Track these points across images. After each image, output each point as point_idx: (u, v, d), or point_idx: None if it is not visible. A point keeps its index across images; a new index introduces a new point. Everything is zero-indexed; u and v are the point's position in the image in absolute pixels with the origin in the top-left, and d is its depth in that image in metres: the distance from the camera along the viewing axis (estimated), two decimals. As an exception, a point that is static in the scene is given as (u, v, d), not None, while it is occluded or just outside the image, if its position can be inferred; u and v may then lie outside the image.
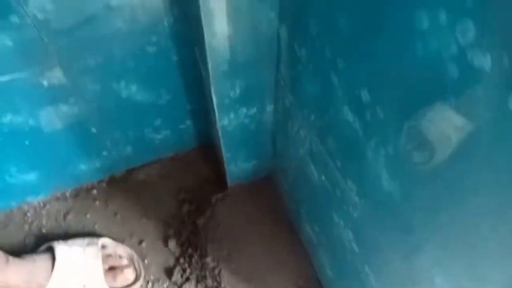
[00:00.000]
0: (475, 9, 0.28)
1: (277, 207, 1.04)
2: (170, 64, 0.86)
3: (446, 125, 0.35)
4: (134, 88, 0.88)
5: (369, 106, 0.46)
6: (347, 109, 0.51)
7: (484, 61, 0.29)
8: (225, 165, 0.98)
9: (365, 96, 0.46)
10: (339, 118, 0.54)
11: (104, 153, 1.04)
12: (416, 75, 0.37)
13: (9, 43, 0.69)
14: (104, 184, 1.13)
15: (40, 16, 0.67)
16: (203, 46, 0.65)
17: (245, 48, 0.67)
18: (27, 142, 0.89)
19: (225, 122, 0.83)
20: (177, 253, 1.02)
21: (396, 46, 0.38)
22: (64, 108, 0.86)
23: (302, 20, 0.56)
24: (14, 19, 0.66)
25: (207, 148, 1.17)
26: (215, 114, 0.80)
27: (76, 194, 1.11)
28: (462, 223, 0.38)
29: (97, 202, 1.10)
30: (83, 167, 1.04)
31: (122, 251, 0.99)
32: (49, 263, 0.88)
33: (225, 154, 0.93)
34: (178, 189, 1.12)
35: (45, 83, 0.79)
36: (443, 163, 0.37)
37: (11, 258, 0.84)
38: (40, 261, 0.89)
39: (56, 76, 0.78)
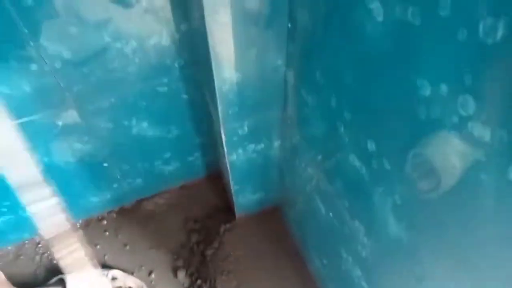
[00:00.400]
0: (475, 86, 0.31)
1: (285, 238, 1.05)
2: (180, 102, 0.89)
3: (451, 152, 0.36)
4: (145, 124, 0.91)
5: (375, 156, 0.48)
6: (353, 157, 0.53)
7: (484, 133, 0.31)
8: (233, 197, 1.00)
9: (371, 146, 0.49)
10: (346, 163, 0.56)
11: (115, 185, 1.06)
12: (420, 133, 0.39)
13: (27, 88, 0.72)
14: (114, 215, 1.15)
15: (57, 64, 0.70)
16: (213, 91, 0.68)
17: (253, 92, 0.70)
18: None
19: (233, 157, 0.85)
20: (186, 283, 1.03)
21: (401, 108, 0.40)
22: (77, 145, 0.88)
23: (309, 69, 0.59)
24: (33, 67, 0.69)
25: (214, 177, 1.19)
26: (223, 149, 0.83)
27: (86, 225, 1.13)
28: (468, 249, 0.39)
29: (107, 233, 1.12)
30: (94, 199, 1.07)
31: (132, 282, 1.01)
32: (61, 297, 0.90)
33: (234, 186, 0.95)
34: (187, 219, 1.14)
35: (60, 123, 0.81)
36: (449, 191, 0.38)
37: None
38: (52, 295, 0.91)
39: (71, 116, 0.81)
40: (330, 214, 0.71)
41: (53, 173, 0.91)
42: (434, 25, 0.32)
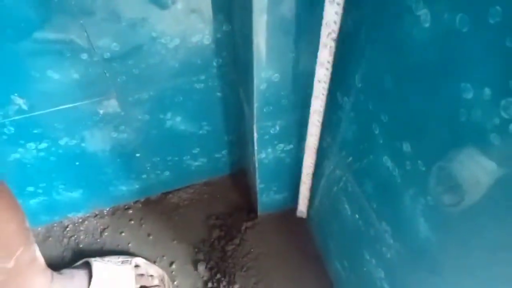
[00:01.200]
0: (517, 91, 0.33)
1: (305, 239, 1.07)
2: (214, 99, 0.93)
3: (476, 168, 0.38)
4: (178, 119, 0.95)
5: (410, 158, 0.50)
6: (387, 158, 0.55)
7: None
8: (258, 195, 1.02)
9: (406, 147, 0.50)
10: (378, 164, 0.58)
11: (144, 176, 1.10)
12: (458, 136, 0.41)
13: (76, 76, 0.77)
14: (139, 205, 1.19)
15: (106, 55, 0.75)
16: (250, 89, 0.71)
17: (288, 93, 0.72)
18: (77, 163, 0.96)
19: (262, 155, 0.88)
20: (206, 277, 1.05)
21: (441, 110, 0.42)
22: (114, 134, 0.93)
23: (346, 73, 0.61)
24: (84, 56, 0.74)
25: (238, 175, 1.22)
26: (253, 147, 0.85)
27: (113, 213, 1.18)
28: (492, 268, 0.41)
29: (132, 222, 1.16)
30: (123, 188, 1.11)
31: (153, 271, 1.04)
32: (86, 279, 0.93)
33: (259, 185, 0.98)
34: (209, 215, 1.17)
35: (101, 111, 0.86)
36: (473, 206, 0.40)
37: (55, 274, 0.89)
38: (78, 276, 0.94)
39: (112, 106, 0.85)
40: (356, 215, 0.72)
41: (88, 159, 0.96)
42: (483, 31, 0.34)
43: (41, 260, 0.85)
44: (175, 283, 1.06)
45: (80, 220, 1.17)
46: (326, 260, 1.00)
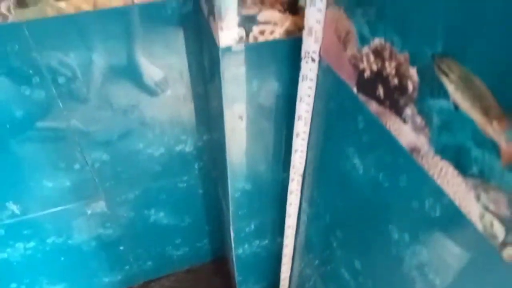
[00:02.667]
0: (424, 239, 0.41)
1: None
2: (195, 195, 1.00)
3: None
4: (162, 214, 1.01)
5: (362, 274, 0.57)
6: (344, 270, 0.62)
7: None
8: (237, 286, 1.06)
9: (357, 265, 0.57)
10: (338, 273, 0.65)
11: (127, 267, 1.13)
12: (392, 271, 0.48)
13: (67, 183, 0.84)
14: (121, 295, 1.20)
15: (96, 164, 0.83)
16: (226, 195, 0.79)
17: (261, 199, 0.80)
18: (62, 258, 1.00)
19: (239, 251, 0.93)
20: None
21: (378, 244, 0.50)
22: (100, 230, 0.98)
23: (308, 187, 0.70)
24: (76, 166, 0.82)
25: (220, 261, 1.26)
26: (231, 243, 0.91)
27: (94, 304, 1.18)
28: None
29: (113, 313, 1.16)
30: (106, 279, 1.13)
31: None
32: None
33: (237, 277, 1.02)
34: (191, 303, 1.18)
35: (89, 211, 0.92)
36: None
37: None
38: None
39: (99, 206, 0.92)
40: (326, 315, 0.77)
41: (73, 254, 1.00)
42: (397, 190, 0.43)
43: None
44: None
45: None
46: None
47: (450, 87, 0.31)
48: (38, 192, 0.82)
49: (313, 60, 0.54)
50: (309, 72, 0.55)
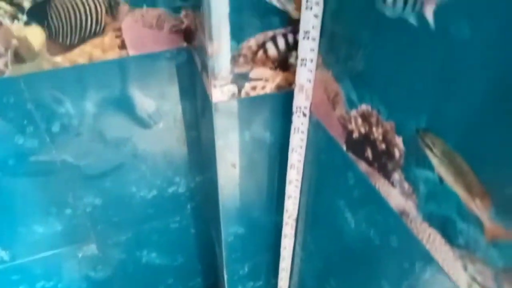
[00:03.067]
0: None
1: None
2: (188, 235, 1.00)
3: None
4: (154, 255, 1.00)
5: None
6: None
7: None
8: (231, 327, 1.04)
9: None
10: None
11: (117, 308, 1.11)
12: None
13: (58, 227, 0.83)
14: (111, 337, 1.17)
15: (88, 208, 0.83)
16: (219, 238, 0.79)
17: (254, 242, 0.80)
18: (51, 302, 0.98)
19: (233, 293, 0.92)
20: None
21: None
22: (91, 273, 0.96)
23: (302, 234, 0.71)
24: (68, 211, 0.81)
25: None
26: (225, 284, 0.90)
27: None
28: None
29: None
30: (95, 322, 1.10)
31: None
32: None
33: (232, 319, 1.00)
34: None
35: (80, 255, 0.91)
36: None
37: None
38: None
39: (91, 249, 0.91)
40: None
41: (63, 297, 0.98)
42: (388, 249, 0.44)
43: None
44: None
45: None
46: None
47: (434, 161, 0.33)
48: (28, 238, 0.81)
49: (304, 114, 0.56)
50: (300, 125, 0.57)
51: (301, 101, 0.54)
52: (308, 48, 0.50)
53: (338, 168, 0.51)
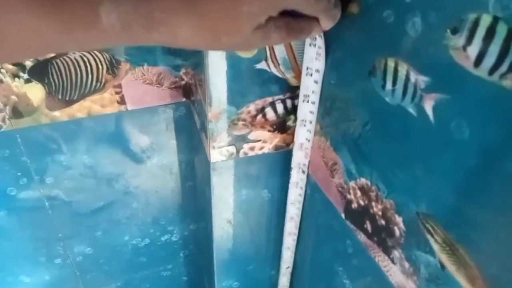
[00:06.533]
0: None
1: None
2: (180, 283, 0.98)
3: None
4: (144, 303, 0.97)
5: None
6: None
7: None
8: None
9: None
10: None
11: None
12: None
13: (46, 277, 0.81)
14: None
15: (78, 258, 0.80)
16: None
17: (248, 295, 0.79)
18: None
19: None
20: None
21: None
22: (77, 323, 0.93)
23: (299, 284, 0.70)
24: (58, 261, 0.79)
25: None
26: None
27: None
28: None
29: None
30: None
31: None
32: None
33: None
34: None
35: (67, 305, 0.88)
36: None
37: None
38: None
39: (79, 299, 0.88)
40: None
41: None
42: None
43: None
44: None
45: None
46: None
47: (436, 247, 0.33)
48: (14, 289, 0.79)
49: (303, 172, 0.56)
50: (299, 181, 0.57)
51: (300, 158, 0.54)
52: (308, 111, 0.51)
53: (337, 233, 0.51)
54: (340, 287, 0.52)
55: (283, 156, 0.59)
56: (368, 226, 0.43)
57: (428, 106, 0.31)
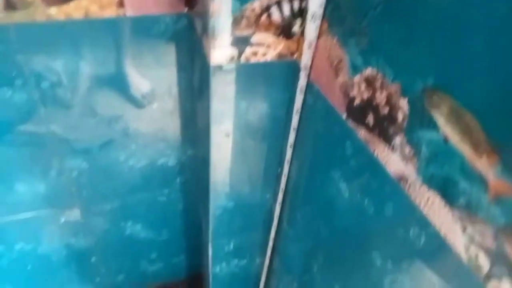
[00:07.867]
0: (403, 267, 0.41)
1: None
2: (175, 210, 0.99)
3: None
4: (138, 227, 0.99)
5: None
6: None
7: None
8: (212, 306, 1.03)
9: (337, 289, 0.57)
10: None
11: (97, 279, 1.09)
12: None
13: (41, 189, 0.81)
14: (89, 309, 1.15)
15: (74, 173, 0.80)
16: (207, 211, 0.78)
17: (242, 218, 0.79)
18: (29, 267, 0.95)
19: (216, 269, 0.91)
20: None
21: (358, 267, 0.50)
22: (72, 240, 0.94)
23: (291, 210, 0.70)
24: (53, 173, 0.79)
25: (195, 279, 1.23)
26: (208, 260, 0.89)
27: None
28: None
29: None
30: (74, 292, 1.09)
31: None
32: None
33: (213, 296, 0.99)
34: (161, 322, 1.14)
35: (62, 219, 0.89)
36: None
37: None
38: None
39: (74, 215, 0.89)
40: None
41: (41, 263, 0.96)
42: (382, 217, 0.43)
43: None
44: None
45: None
46: None
47: (440, 120, 0.32)
48: (8, 196, 0.79)
49: (308, 75, 0.55)
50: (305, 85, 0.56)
51: (309, 58, 0.53)
52: (319, 4, 0.49)
53: (336, 137, 0.50)
54: (335, 194, 0.52)
55: (287, 67, 0.58)
56: (370, 119, 0.42)
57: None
